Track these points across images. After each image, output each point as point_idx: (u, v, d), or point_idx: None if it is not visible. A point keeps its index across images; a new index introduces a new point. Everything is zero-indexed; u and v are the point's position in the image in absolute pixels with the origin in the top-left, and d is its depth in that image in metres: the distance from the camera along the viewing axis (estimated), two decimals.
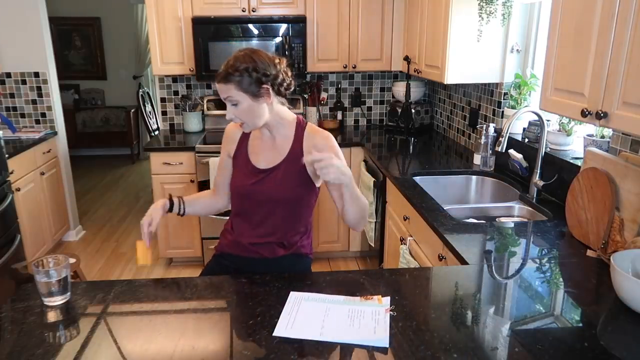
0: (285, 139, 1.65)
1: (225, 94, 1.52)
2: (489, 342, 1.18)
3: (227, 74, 1.50)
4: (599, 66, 1.45)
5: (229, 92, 1.51)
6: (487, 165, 2.73)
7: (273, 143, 1.66)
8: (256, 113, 1.55)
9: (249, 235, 1.69)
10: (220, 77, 1.51)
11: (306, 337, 1.20)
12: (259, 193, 1.64)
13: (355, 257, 3.86)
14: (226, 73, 1.50)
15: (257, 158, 1.67)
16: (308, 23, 3.54)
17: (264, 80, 1.52)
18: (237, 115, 1.54)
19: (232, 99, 1.52)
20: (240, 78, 1.49)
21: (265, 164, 1.65)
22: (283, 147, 1.64)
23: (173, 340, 1.20)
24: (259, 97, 1.53)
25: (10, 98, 3.97)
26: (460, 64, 2.73)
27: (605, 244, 1.64)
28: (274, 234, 1.68)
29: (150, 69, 6.64)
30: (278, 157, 1.64)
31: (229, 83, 1.50)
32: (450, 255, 1.77)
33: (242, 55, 1.52)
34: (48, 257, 1.35)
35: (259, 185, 1.63)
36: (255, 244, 1.69)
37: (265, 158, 1.66)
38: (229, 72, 1.50)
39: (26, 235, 3.42)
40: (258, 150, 1.68)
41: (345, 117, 4.15)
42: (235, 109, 1.53)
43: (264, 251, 1.69)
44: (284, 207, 1.66)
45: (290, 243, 1.70)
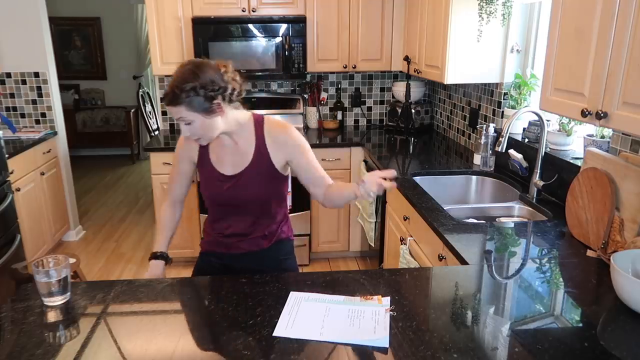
0: (247, 141, 1.62)
1: (177, 115, 1.46)
2: (489, 342, 1.18)
3: (174, 96, 1.42)
4: (599, 66, 1.45)
5: (180, 113, 1.45)
6: (487, 165, 2.73)
7: (236, 147, 1.62)
8: (211, 127, 1.50)
9: (231, 235, 1.71)
10: (168, 99, 1.44)
11: (306, 337, 1.20)
12: (235, 197, 1.64)
13: (355, 257, 3.86)
14: (173, 95, 1.42)
15: (224, 165, 1.64)
16: (308, 23, 3.54)
17: (214, 96, 1.45)
18: (193, 133, 1.50)
19: (185, 119, 1.46)
20: (189, 98, 1.42)
21: (233, 170, 1.63)
22: (247, 150, 1.62)
23: (173, 340, 1.20)
24: (211, 113, 1.47)
25: (10, 98, 3.97)
26: (460, 64, 2.73)
27: (605, 244, 1.64)
28: (255, 229, 1.70)
29: (150, 69, 6.63)
30: (245, 160, 1.62)
31: (178, 105, 1.43)
32: (450, 255, 1.77)
33: (187, 73, 1.43)
34: (48, 257, 1.35)
35: (233, 191, 1.63)
36: (238, 240, 1.71)
37: (232, 163, 1.63)
38: (175, 93, 1.42)
39: (26, 235, 3.42)
40: (222, 157, 1.64)
41: (345, 117, 4.15)
42: (190, 127, 1.48)
43: (248, 246, 1.72)
44: (261, 204, 1.68)
45: (272, 233, 1.74)
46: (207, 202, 1.73)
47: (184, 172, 1.75)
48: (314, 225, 3.64)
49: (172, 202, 1.82)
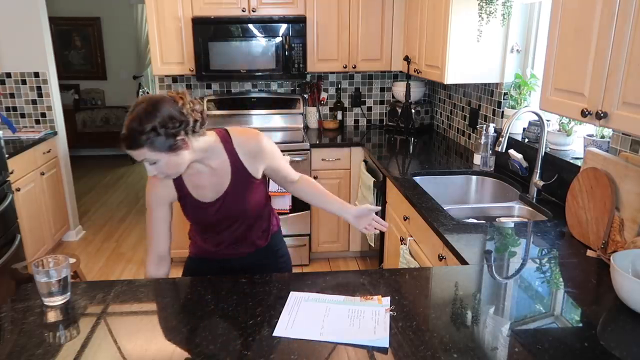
0: (221, 161, 1.55)
1: (140, 158, 1.38)
2: (489, 342, 1.18)
3: (134, 140, 1.33)
4: (599, 66, 1.45)
5: (144, 155, 1.36)
6: (487, 165, 2.73)
7: (212, 171, 1.55)
8: (178, 163, 1.41)
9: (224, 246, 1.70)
10: (127, 143, 1.34)
11: (306, 337, 1.20)
12: (225, 218, 1.62)
13: (355, 257, 3.86)
14: (133, 138, 1.33)
15: (204, 192, 1.57)
16: (308, 23, 3.54)
17: (175, 132, 1.36)
18: (160, 172, 1.42)
19: (150, 160, 1.38)
20: (150, 140, 1.33)
21: (215, 194, 1.58)
22: (224, 170, 1.56)
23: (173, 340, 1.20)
24: (176, 149, 1.38)
25: (10, 98, 3.97)
26: (460, 64, 2.73)
27: (605, 244, 1.64)
28: (248, 235, 1.70)
29: (150, 69, 6.64)
30: (224, 181, 1.57)
31: (140, 148, 1.34)
32: (450, 255, 1.77)
33: (142, 112, 1.34)
34: (48, 257, 1.35)
35: (223, 212, 1.60)
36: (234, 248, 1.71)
37: (212, 188, 1.57)
38: (134, 136, 1.32)
39: (26, 235, 3.42)
40: (200, 184, 1.56)
41: (345, 117, 4.15)
42: (156, 167, 1.40)
43: (246, 249, 1.72)
44: (250, 215, 1.66)
45: (265, 231, 1.75)
46: (196, 225, 1.71)
47: (163, 218, 1.59)
48: (314, 225, 3.64)
49: (158, 259, 1.61)
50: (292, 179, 1.75)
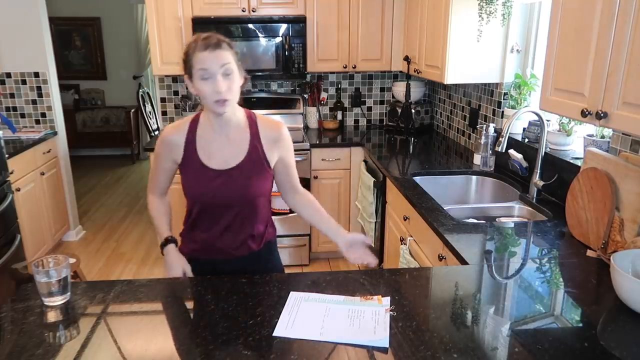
0: (240, 135, 1.57)
1: (224, 60, 1.42)
2: (489, 342, 1.18)
3: (220, 41, 1.42)
4: (599, 66, 1.45)
5: (228, 59, 1.42)
6: (487, 165, 2.73)
7: (227, 140, 1.56)
8: (238, 90, 1.48)
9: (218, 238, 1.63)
10: (216, 43, 1.41)
11: (306, 337, 1.20)
12: (226, 195, 1.56)
13: None
14: (219, 40, 1.42)
15: (213, 159, 1.56)
16: (308, 23, 3.54)
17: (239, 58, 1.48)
18: (229, 88, 1.44)
19: (229, 68, 1.43)
20: (233, 49, 1.45)
21: (224, 164, 1.56)
22: (240, 143, 1.57)
23: (173, 340, 1.20)
24: (241, 71, 1.48)
25: (10, 98, 3.97)
26: (460, 64, 2.73)
27: (605, 244, 1.64)
28: (243, 230, 1.63)
29: (150, 69, 6.64)
30: (238, 155, 1.56)
31: (228, 50, 1.43)
32: (450, 255, 1.77)
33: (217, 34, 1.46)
34: (48, 257, 1.35)
35: (225, 188, 1.55)
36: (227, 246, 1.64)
37: (223, 157, 1.56)
38: (222, 40, 1.42)
39: (26, 235, 3.42)
40: (212, 150, 1.56)
41: (345, 117, 4.15)
42: (230, 80, 1.44)
43: (237, 250, 1.65)
44: (251, 203, 1.61)
45: (259, 234, 1.68)
46: (192, 204, 1.63)
47: (167, 170, 1.64)
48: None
49: (160, 194, 1.71)
50: (296, 187, 1.73)
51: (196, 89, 1.48)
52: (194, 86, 1.48)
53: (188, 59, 1.47)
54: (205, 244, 1.65)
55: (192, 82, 1.49)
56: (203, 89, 1.45)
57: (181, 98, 3.92)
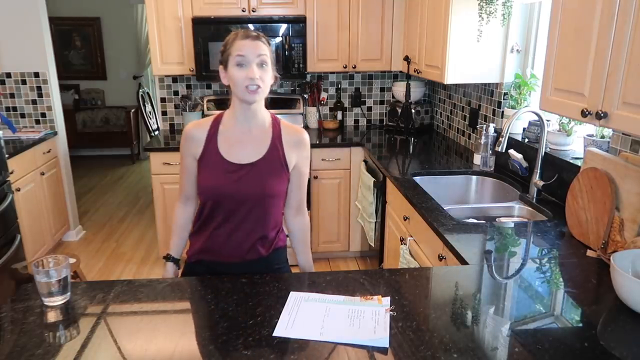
0: (263, 132, 1.59)
1: (261, 51, 1.48)
2: (489, 342, 1.18)
3: (260, 35, 1.51)
4: (599, 66, 1.45)
5: (265, 51, 1.49)
6: (487, 165, 2.73)
7: (249, 136, 1.57)
8: (270, 83, 1.53)
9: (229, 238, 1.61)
10: (256, 35, 1.50)
11: (306, 337, 1.20)
12: (242, 192, 1.54)
13: (355, 257, 3.86)
14: (259, 34, 1.51)
15: (233, 153, 1.56)
16: (308, 23, 3.54)
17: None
18: (262, 78, 1.49)
19: (265, 60, 1.49)
20: (269, 46, 1.53)
21: (243, 158, 1.56)
22: (262, 140, 1.58)
23: (173, 340, 1.20)
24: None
25: (10, 98, 3.97)
26: (460, 64, 2.73)
27: (605, 244, 1.64)
28: (255, 232, 1.61)
29: (150, 69, 6.64)
30: (258, 151, 1.57)
31: (266, 45, 1.50)
32: (450, 255, 1.77)
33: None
34: (48, 257, 1.35)
35: (242, 183, 1.54)
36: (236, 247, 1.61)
37: (244, 152, 1.56)
38: (261, 35, 1.51)
39: (26, 235, 3.42)
40: (232, 144, 1.57)
41: (345, 117, 4.15)
42: (263, 71, 1.49)
43: (247, 254, 1.62)
44: (266, 203, 1.59)
45: (270, 239, 1.66)
46: (205, 200, 1.60)
47: (190, 168, 1.62)
48: (314, 225, 3.64)
49: (185, 199, 1.70)
50: (301, 205, 1.73)
51: (229, 77, 1.52)
52: (227, 74, 1.53)
53: (226, 49, 1.52)
54: (214, 244, 1.63)
55: (225, 71, 1.53)
56: (236, 75, 1.49)
57: (181, 98, 3.92)
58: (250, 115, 1.57)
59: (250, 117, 1.57)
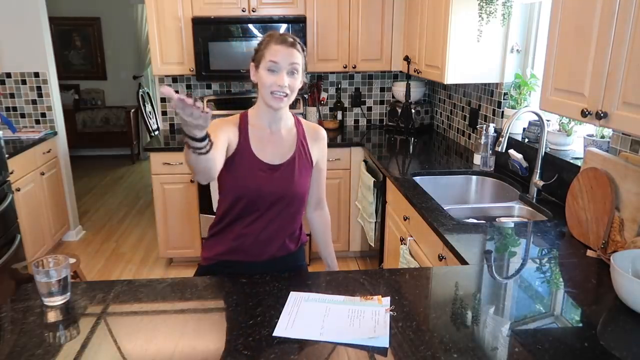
0: (289, 131, 1.62)
1: (294, 59, 1.48)
2: (489, 342, 1.18)
3: (296, 42, 1.49)
4: (599, 66, 1.45)
5: (298, 59, 1.49)
6: (487, 165, 2.73)
7: (278, 136, 1.59)
8: (298, 87, 1.53)
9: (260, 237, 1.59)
10: (290, 41, 1.48)
11: (306, 337, 1.20)
12: (277, 192, 1.55)
13: (355, 257, 3.86)
14: (295, 40, 1.49)
15: (266, 153, 1.56)
16: (308, 23, 3.54)
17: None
18: (290, 86, 1.49)
19: (296, 69, 1.49)
20: (304, 53, 1.52)
21: (275, 159, 1.57)
22: (289, 141, 1.61)
23: (173, 340, 1.20)
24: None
25: (10, 98, 3.97)
26: (460, 64, 2.73)
27: (605, 244, 1.64)
28: (285, 229, 1.63)
29: (150, 69, 6.64)
30: (288, 151, 1.59)
31: (300, 52, 1.50)
32: (450, 255, 1.77)
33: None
34: (48, 257, 1.35)
35: (276, 183, 1.55)
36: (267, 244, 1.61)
37: (275, 152, 1.57)
38: (297, 41, 1.50)
39: (26, 235, 3.42)
40: (264, 144, 1.57)
41: (345, 117, 4.15)
42: (293, 79, 1.49)
43: (278, 250, 1.64)
44: (296, 200, 1.61)
45: (297, 235, 1.70)
46: (236, 200, 1.55)
47: (222, 143, 1.47)
48: None
49: None
50: (321, 200, 1.79)
51: (258, 77, 1.52)
52: (257, 74, 1.53)
53: (260, 49, 1.52)
54: (244, 244, 1.60)
55: (256, 71, 1.53)
56: (266, 79, 1.49)
57: None
58: (277, 117, 1.59)
59: (277, 119, 1.60)
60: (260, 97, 1.55)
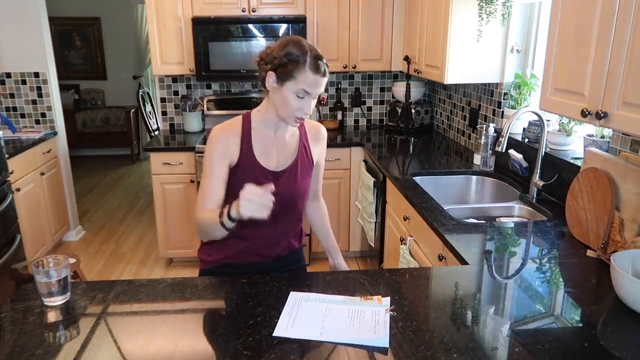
0: (292, 135, 1.61)
1: (323, 88, 1.45)
2: (489, 342, 1.18)
3: (327, 68, 1.45)
4: (599, 66, 1.45)
5: (325, 86, 1.47)
6: (487, 165, 2.73)
7: (282, 141, 1.58)
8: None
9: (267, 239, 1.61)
10: (324, 70, 1.43)
11: (306, 337, 1.20)
12: (283, 197, 1.52)
13: (355, 257, 3.86)
14: (327, 67, 1.45)
15: (270, 161, 1.55)
16: (308, 23, 3.54)
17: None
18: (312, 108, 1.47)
19: (321, 92, 1.47)
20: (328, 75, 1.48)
21: (280, 165, 1.56)
22: (292, 145, 1.60)
23: (173, 340, 1.20)
24: None
25: (10, 98, 3.97)
26: (460, 64, 2.73)
27: (605, 244, 1.64)
28: (291, 229, 1.67)
29: (150, 69, 6.64)
30: (291, 156, 1.59)
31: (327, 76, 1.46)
32: (450, 255, 1.77)
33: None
34: (48, 257, 1.35)
35: (282, 188, 1.51)
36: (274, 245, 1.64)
37: (279, 158, 1.57)
38: (327, 68, 1.45)
39: (26, 235, 3.42)
40: (269, 151, 1.55)
41: (345, 117, 4.15)
42: (314, 102, 1.47)
43: (282, 249, 1.66)
44: (300, 203, 1.64)
45: (299, 235, 1.74)
46: None
47: (223, 175, 1.51)
48: None
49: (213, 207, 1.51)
50: (318, 193, 1.80)
51: (281, 95, 1.45)
52: (279, 89, 1.45)
53: (289, 66, 1.41)
54: (252, 246, 1.61)
55: (278, 85, 1.44)
56: (293, 103, 1.44)
57: (181, 98, 3.92)
58: (284, 125, 1.57)
59: (283, 125, 1.58)
60: (275, 110, 1.50)
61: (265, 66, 1.48)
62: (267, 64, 1.47)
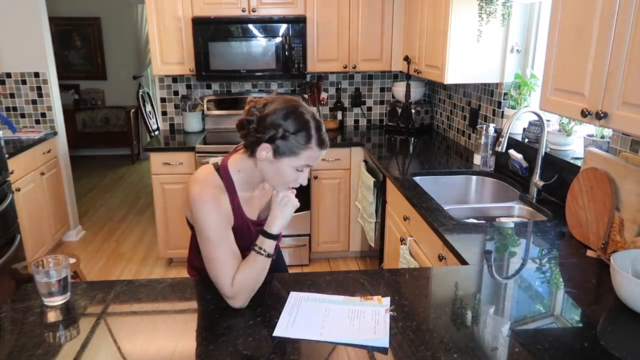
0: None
1: (321, 158, 1.37)
2: (489, 342, 1.18)
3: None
4: (599, 66, 1.45)
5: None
6: (487, 165, 2.73)
7: (263, 192, 1.53)
8: None
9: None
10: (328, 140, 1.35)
11: (306, 337, 1.20)
12: None
13: (355, 257, 3.86)
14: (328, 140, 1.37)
15: (254, 212, 1.51)
16: (308, 23, 3.54)
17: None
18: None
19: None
20: None
21: (263, 213, 1.52)
22: (269, 189, 1.52)
23: (173, 340, 1.20)
24: None
25: (10, 98, 3.97)
26: (460, 64, 2.73)
27: (605, 244, 1.64)
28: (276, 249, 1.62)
29: (150, 69, 6.64)
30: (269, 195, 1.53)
31: None
32: (450, 255, 1.77)
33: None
34: (48, 257, 1.35)
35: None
36: None
37: (262, 208, 1.53)
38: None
39: (26, 235, 3.42)
40: (254, 205, 1.51)
41: (345, 117, 4.15)
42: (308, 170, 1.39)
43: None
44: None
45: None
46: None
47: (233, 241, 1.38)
48: (314, 225, 3.64)
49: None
50: None
51: (277, 169, 1.32)
52: (275, 162, 1.31)
53: (292, 142, 1.28)
54: None
55: (275, 158, 1.31)
56: (289, 175, 1.33)
57: (181, 98, 3.92)
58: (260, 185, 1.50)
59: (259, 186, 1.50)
60: (264, 177, 1.39)
61: (256, 134, 1.30)
62: (258, 132, 1.29)
